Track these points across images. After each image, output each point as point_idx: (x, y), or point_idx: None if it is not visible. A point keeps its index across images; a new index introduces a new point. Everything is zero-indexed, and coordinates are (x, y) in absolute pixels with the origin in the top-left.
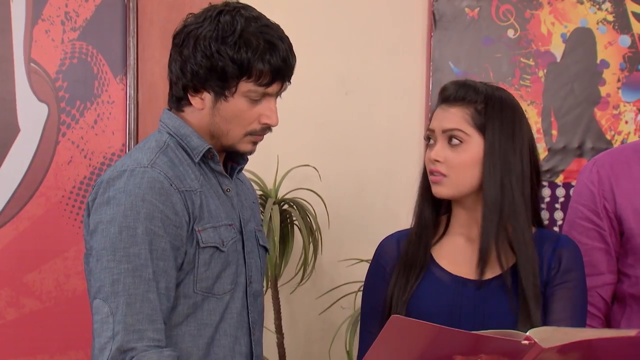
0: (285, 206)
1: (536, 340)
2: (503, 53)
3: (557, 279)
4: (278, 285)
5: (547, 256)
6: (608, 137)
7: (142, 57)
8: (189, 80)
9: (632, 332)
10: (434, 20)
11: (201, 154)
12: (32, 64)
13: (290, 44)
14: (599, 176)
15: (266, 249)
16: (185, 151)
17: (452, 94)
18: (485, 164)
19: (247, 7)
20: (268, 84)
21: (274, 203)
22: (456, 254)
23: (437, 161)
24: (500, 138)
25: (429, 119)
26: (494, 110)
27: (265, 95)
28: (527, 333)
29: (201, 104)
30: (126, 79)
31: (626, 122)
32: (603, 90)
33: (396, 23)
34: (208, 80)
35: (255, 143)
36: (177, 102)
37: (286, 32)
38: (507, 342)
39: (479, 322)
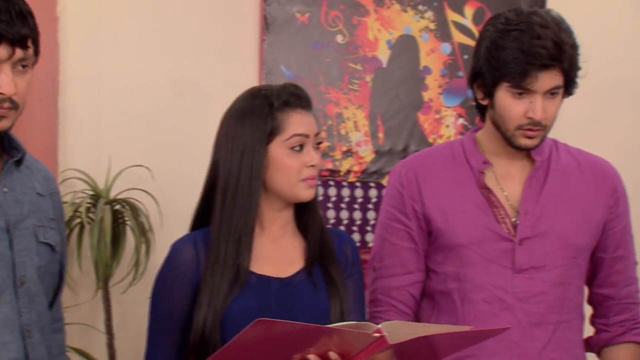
0: (118, 206)
1: (385, 334)
2: (332, 58)
3: (347, 271)
4: (109, 285)
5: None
6: (430, 140)
7: None
8: None
9: (466, 328)
10: (266, 24)
11: None
12: None
13: (24, 10)
14: (408, 178)
15: (51, 246)
16: None
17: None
18: None
19: None
20: None
21: (106, 203)
22: (262, 254)
23: None
24: None
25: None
26: None
27: None
28: (379, 326)
29: None
30: None
31: (447, 126)
32: (426, 96)
33: (228, 26)
34: None
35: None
36: None
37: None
38: (359, 335)
39: (288, 319)
